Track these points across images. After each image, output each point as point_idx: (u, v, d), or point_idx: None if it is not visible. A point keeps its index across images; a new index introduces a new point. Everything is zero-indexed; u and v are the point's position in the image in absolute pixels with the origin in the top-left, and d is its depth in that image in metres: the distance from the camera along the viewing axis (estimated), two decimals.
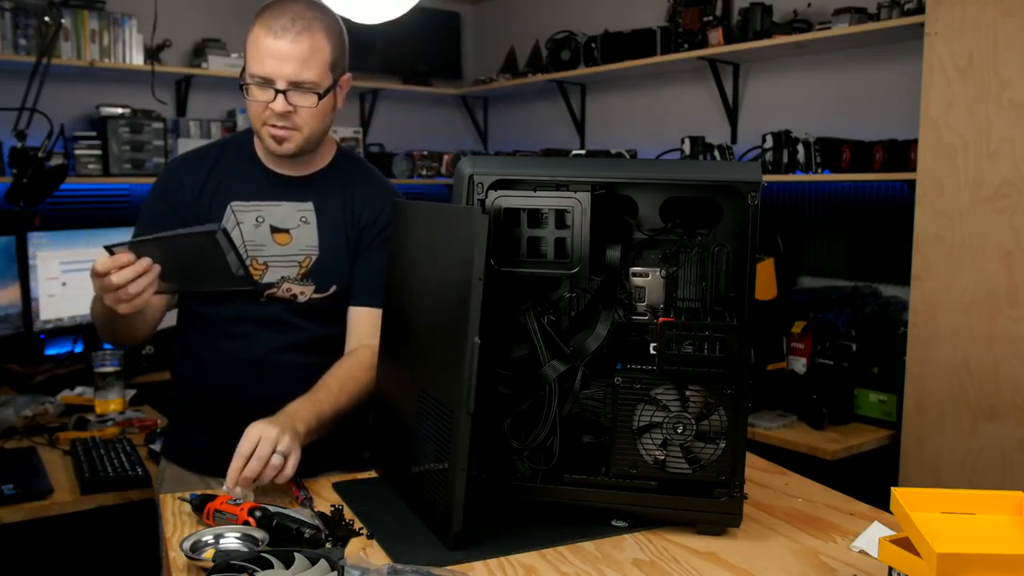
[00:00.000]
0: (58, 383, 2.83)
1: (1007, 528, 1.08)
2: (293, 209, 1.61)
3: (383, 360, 1.52)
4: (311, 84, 1.51)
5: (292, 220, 1.61)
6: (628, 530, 1.28)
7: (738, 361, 1.23)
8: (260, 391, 1.56)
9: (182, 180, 1.63)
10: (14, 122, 2.72)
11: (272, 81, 1.49)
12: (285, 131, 1.53)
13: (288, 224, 1.60)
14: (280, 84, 1.49)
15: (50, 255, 3.08)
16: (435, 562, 1.13)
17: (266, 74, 1.49)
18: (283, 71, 1.49)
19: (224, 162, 1.64)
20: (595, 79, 4.07)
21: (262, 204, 1.61)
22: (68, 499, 1.95)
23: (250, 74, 1.51)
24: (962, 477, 2.40)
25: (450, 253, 1.26)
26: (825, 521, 1.34)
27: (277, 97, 1.49)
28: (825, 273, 3.28)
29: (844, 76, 3.23)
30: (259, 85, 1.50)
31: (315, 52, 1.50)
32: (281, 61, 1.48)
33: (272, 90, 1.50)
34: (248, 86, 1.52)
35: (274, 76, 1.49)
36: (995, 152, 2.32)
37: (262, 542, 1.16)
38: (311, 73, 1.50)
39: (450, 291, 1.24)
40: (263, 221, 1.60)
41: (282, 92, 1.49)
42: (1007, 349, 2.32)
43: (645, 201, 1.31)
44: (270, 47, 1.48)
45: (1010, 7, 2.28)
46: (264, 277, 1.59)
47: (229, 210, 1.59)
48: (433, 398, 1.27)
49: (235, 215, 1.59)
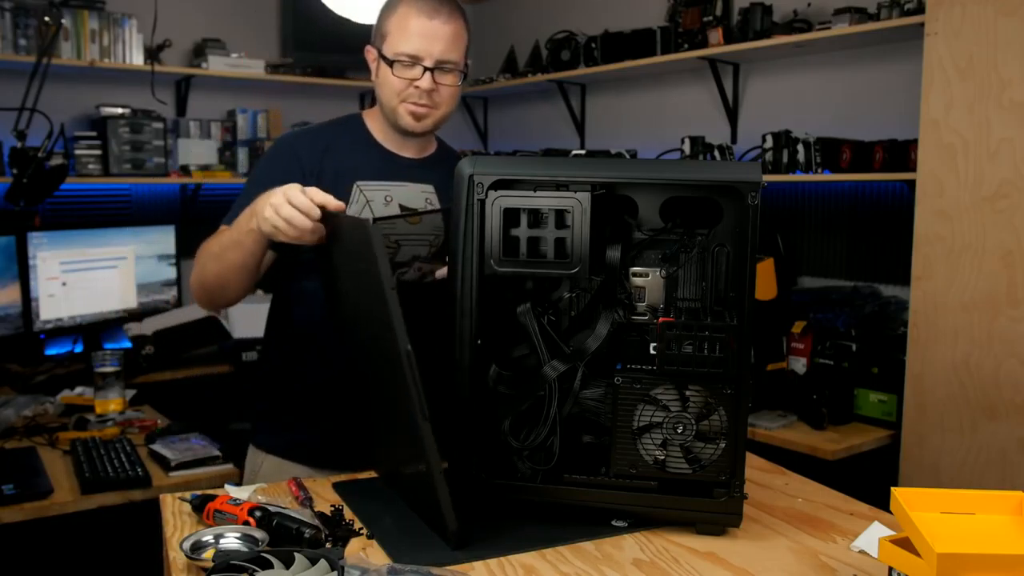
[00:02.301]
0: (58, 383, 2.83)
1: (1007, 528, 1.08)
2: (418, 190, 1.66)
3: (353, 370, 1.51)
4: (454, 64, 1.58)
5: (419, 201, 1.65)
6: (628, 530, 1.28)
7: (738, 361, 1.23)
8: None
9: (299, 155, 1.62)
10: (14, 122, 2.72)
11: (421, 59, 1.56)
12: (425, 108, 1.59)
13: (416, 204, 1.65)
14: (428, 62, 1.56)
15: (50, 255, 3.08)
16: (435, 562, 1.13)
17: (415, 52, 1.55)
18: (433, 50, 1.55)
19: (340, 143, 1.66)
20: (595, 79, 4.07)
21: (389, 184, 1.64)
22: (68, 499, 1.95)
23: (396, 52, 1.56)
24: (962, 477, 2.40)
25: (360, 266, 1.24)
26: (825, 521, 1.34)
27: (425, 74, 1.56)
28: (825, 273, 3.28)
29: (844, 76, 3.23)
30: (405, 63, 1.56)
31: (459, 34, 1.59)
32: (432, 40, 1.55)
33: (420, 67, 1.56)
34: (392, 63, 1.57)
35: (424, 54, 1.55)
36: (995, 152, 2.33)
37: (262, 542, 1.16)
38: (456, 53, 1.58)
39: (373, 303, 1.22)
40: (391, 200, 1.63)
41: (430, 70, 1.56)
42: (1007, 349, 2.32)
43: (645, 201, 1.31)
44: (423, 26, 1.55)
45: (1010, 7, 2.28)
46: (397, 256, 1.61)
47: (356, 189, 1.62)
48: (394, 405, 1.26)
49: (363, 194, 1.62)
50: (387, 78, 1.59)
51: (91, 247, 3.23)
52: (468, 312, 1.28)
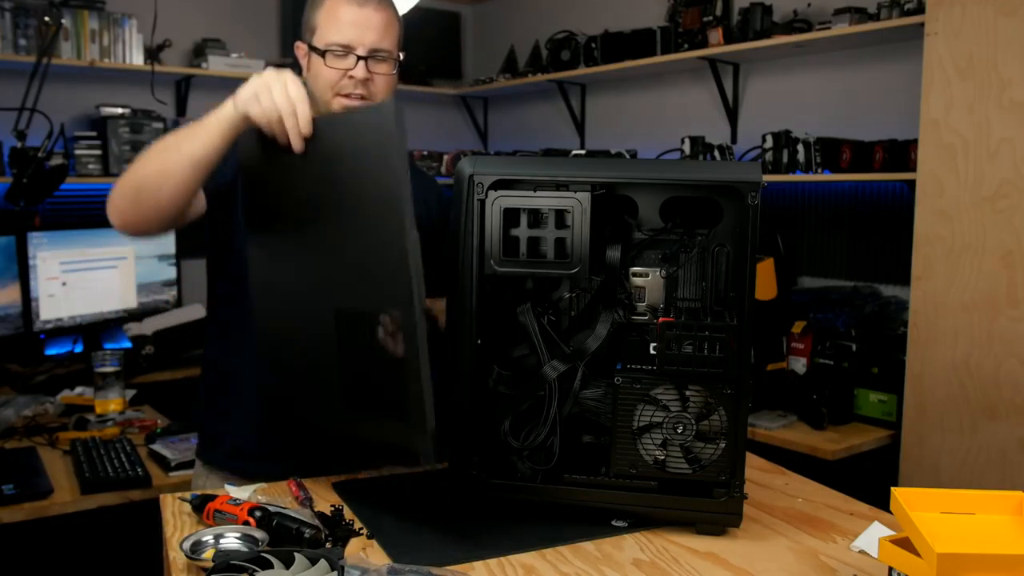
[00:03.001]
0: (58, 383, 2.83)
1: (1007, 528, 1.08)
2: None
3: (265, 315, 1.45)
4: (387, 52, 1.56)
5: None
6: (628, 530, 1.28)
7: (738, 361, 1.23)
8: None
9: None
10: (14, 122, 2.73)
11: (353, 48, 1.53)
12: (360, 100, 1.56)
13: None
14: (361, 51, 1.54)
15: (50, 255, 3.08)
16: (435, 562, 1.13)
17: (347, 41, 1.53)
18: (365, 39, 1.53)
19: None
20: (595, 79, 4.07)
21: None
22: (68, 499, 1.95)
23: (327, 43, 1.54)
24: (962, 477, 2.40)
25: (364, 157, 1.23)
26: (825, 521, 1.34)
27: (358, 64, 1.54)
28: (825, 273, 3.28)
29: (844, 76, 3.23)
30: (338, 53, 1.54)
31: (390, 22, 1.57)
32: (364, 29, 1.53)
33: (353, 56, 1.54)
34: (323, 55, 1.54)
35: (355, 43, 1.53)
36: (995, 152, 2.33)
37: (262, 542, 1.16)
38: (388, 42, 1.56)
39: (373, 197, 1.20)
40: None
41: (363, 59, 1.54)
42: (1007, 349, 2.32)
43: (645, 201, 1.31)
44: (354, 15, 1.53)
45: (1010, 7, 2.28)
46: None
47: None
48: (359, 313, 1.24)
49: None
50: (319, 70, 1.55)
51: (91, 247, 3.23)
52: (468, 312, 1.28)
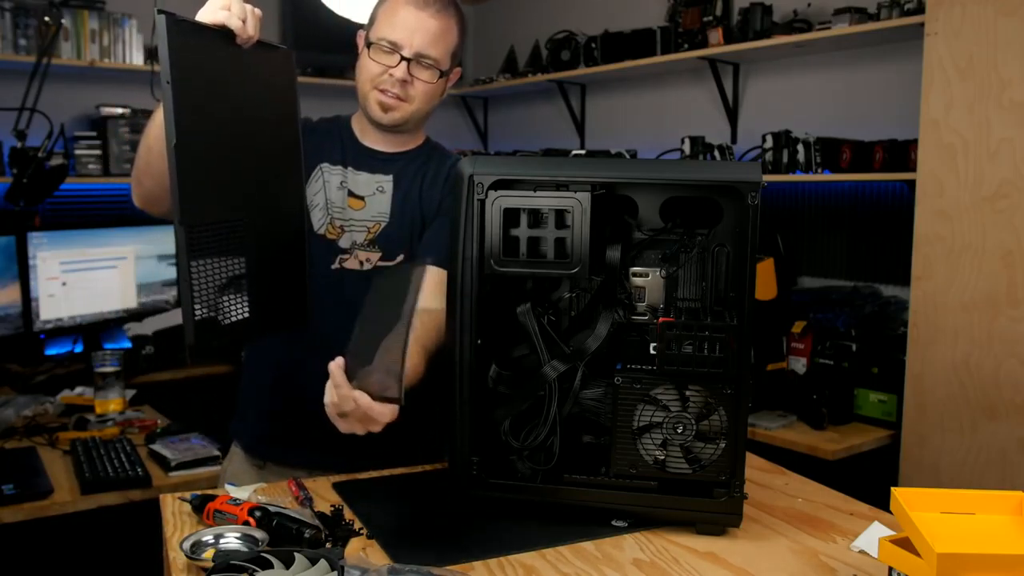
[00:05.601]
0: (58, 383, 2.83)
1: (1007, 528, 1.08)
2: (372, 179, 1.65)
3: None
4: (434, 60, 1.56)
5: (369, 188, 1.64)
6: (628, 530, 1.28)
7: (738, 361, 1.23)
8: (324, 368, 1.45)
9: None
10: (14, 122, 2.73)
11: (400, 47, 1.54)
12: (395, 100, 1.57)
13: (364, 192, 1.64)
14: (407, 52, 1.54)
15: (50, 255, 3.07)
16: (435, 562, 1.13)
17: (396, 39, 1.54)
18: (414, 40, 1.54)
19: (320, 129, 1.68)
20: (595, 79, 4.07)
21: (348, 170, 1.64)
22: (68, 499, 1.95)
23: (378, 37, 1.55)
24: (962, 477, 2.40)
25: None
26: (825, 521, 1.34)
27: (400, 64, 1.54)
28: (825, 273, 3.28)
29: (844, 76, 3.23)
30: (385, 49, 1.55)
31: (446, 32, 1.57)
32: (414, 31, 1.54)
33: (397, 55, 1.54)
34: (371, 46, 1.56)
35: (403, 43, 1.54)
36: (995, 152, 2.32)
37: (262, 542, 1.16)
38: (437, 50, 1.56)
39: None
40: (345, 185, 1.63)
41: (407, 60, 1.54)
42: (1007, 349, 2.32)
43: (645, 201, 1.31)
44: (409, 15, 1.54)
45: (1010, 7, 2.28)
46: (339, 241, 1.61)
47: (319, 169, 1.63)
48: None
49: (323, 174, 1.63)
50: (365, 61, 1.58)
51: (91, 247, 3.23)
52: (468, 312, 1.28)
